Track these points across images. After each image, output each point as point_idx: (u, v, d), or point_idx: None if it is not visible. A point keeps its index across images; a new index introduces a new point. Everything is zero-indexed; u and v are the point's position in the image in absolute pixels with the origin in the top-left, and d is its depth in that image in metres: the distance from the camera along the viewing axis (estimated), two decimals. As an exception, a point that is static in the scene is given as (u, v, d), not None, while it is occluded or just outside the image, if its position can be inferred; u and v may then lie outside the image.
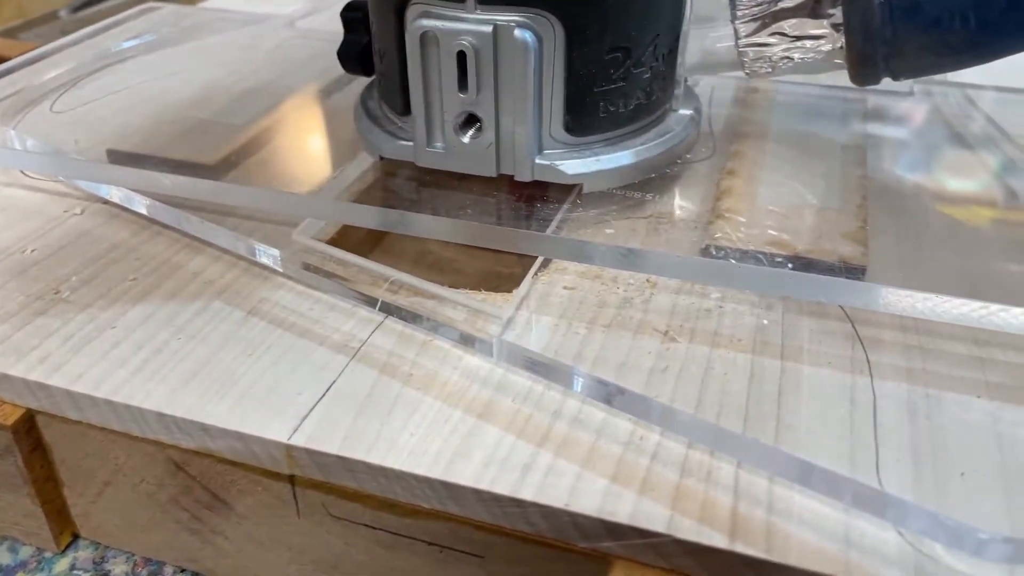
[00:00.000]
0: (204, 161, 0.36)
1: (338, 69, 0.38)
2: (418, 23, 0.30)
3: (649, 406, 0.25)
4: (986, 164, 0.37)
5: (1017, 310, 0.25)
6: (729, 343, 0.28)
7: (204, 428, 0.25)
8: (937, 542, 0.21)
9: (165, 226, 0.34)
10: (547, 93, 0.31)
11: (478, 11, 0.29)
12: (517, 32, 0.29)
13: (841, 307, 0.29)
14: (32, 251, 0.33)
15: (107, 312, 0.30)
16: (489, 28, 0.29)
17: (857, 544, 0.21)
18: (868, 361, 0.27)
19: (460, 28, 0.29)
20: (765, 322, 0.28)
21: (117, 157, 0.37)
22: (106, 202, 0.36)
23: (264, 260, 0.32)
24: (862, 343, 0.27)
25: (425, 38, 0.30)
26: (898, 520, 0.22)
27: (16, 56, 0.49)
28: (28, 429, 0.28)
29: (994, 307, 0.26)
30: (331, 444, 0.24)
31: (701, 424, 0.24)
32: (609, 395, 0.25)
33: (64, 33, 0.78)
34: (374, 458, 0.24)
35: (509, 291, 0.30)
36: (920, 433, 0.24)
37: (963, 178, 0.36)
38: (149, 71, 0.46)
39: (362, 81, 0.40)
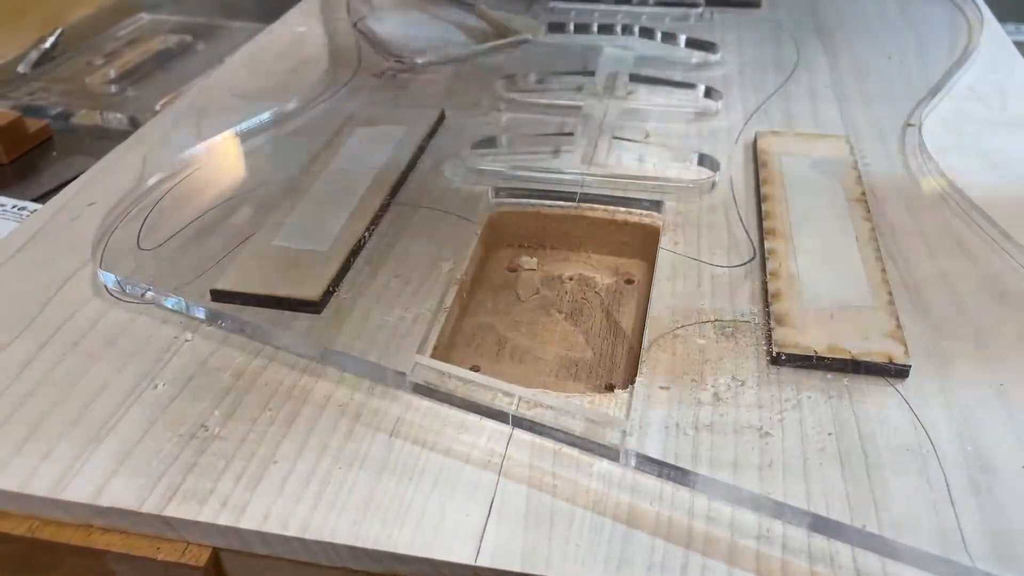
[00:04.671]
0: (308, 296, 0.39)
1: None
2: None
3: (770, 505, 0.30)
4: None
5: None
6: (815, 432, 0.33)
7: (396, 557, 0.29)
8: (1023, 605, 0.27)
9: (276, 347, 0.37)
10: None
11: None
12: None
13: (896, 389, 0.35)
14: (163, 385, 0.36)
15: (262, 447, 0.33)
16: None
17: (960, 610, 0.27)
18: (929, 438, 0.33)
19: None
20: (839, 407, 0.34)
21: (222, 296, 0.39)
22: (210, 323, 0.39)
23: (393, 383, 0.35)
24: (922, 423, 0.33)
25: None
26: (991, 589, 0.27)
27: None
28: (214, 565, 0.31)
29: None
30: (512, 562, 0.29)
31: (815, 518, 0.29)
32: (735, 497, 0.30)
33: (31, 95, 0.78)
34: (555, 573, 0.28)
35: (588, 379, 0.35)
36: (986, 507, 0.30)
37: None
38: (201, 191, 0.48)
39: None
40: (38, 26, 0.87)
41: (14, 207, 0.60)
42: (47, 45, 0.84)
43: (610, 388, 0.38)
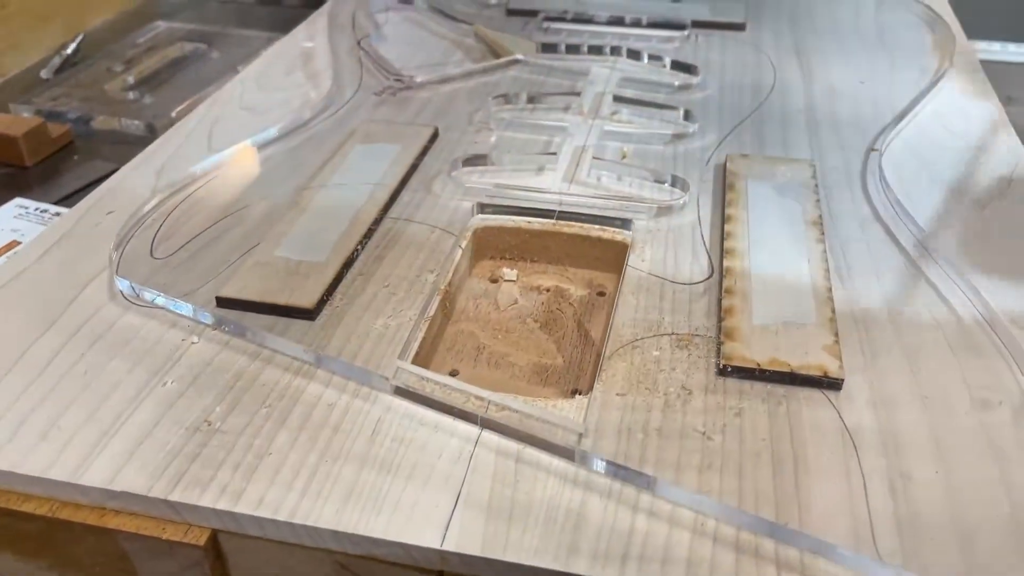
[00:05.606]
0: (304, 305, 0.43)
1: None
2: None
3: (706, 503, 0.34)
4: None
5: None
6: (752, 438, 0.37)
7: (372, 541, 0.33)
8: (920, 594, 0.31)
9: (274, 351, 0.41)
10: None
11: None
12: None
13: (829, 399, 0.38)
14: (172, 383, 0.40)
15: (259, 439, 0.37)
16: None
17: (866, 598, 0.31)
18: (855, 445, 0.36)
19: None
20: (776, 416, 0.38)
21: (226, 303, 0.43)
22: (215, 328, 0.43)
23: (376, 385, 0.39)
24: (849, 431, 0.37)
25: None
26: (893, 580, 0.31)
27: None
28: (212, 545, 0.35)
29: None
30: (474, 547, 0.33)
31: (746, 515, 0.33)
32: (672, 494, 0.34)
33: (54, 100, 0.82)
34: (511, 557, 0.32)
35: (557, 384, 0.39)
36: (899, 509, 0.34)
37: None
38: (209, 203, 0.52)
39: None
40: (61, 31, 0.91)
41: (36, 209, 0.64)
42: (68, 51, 0.88)
43: (576, 393, 0.42)
